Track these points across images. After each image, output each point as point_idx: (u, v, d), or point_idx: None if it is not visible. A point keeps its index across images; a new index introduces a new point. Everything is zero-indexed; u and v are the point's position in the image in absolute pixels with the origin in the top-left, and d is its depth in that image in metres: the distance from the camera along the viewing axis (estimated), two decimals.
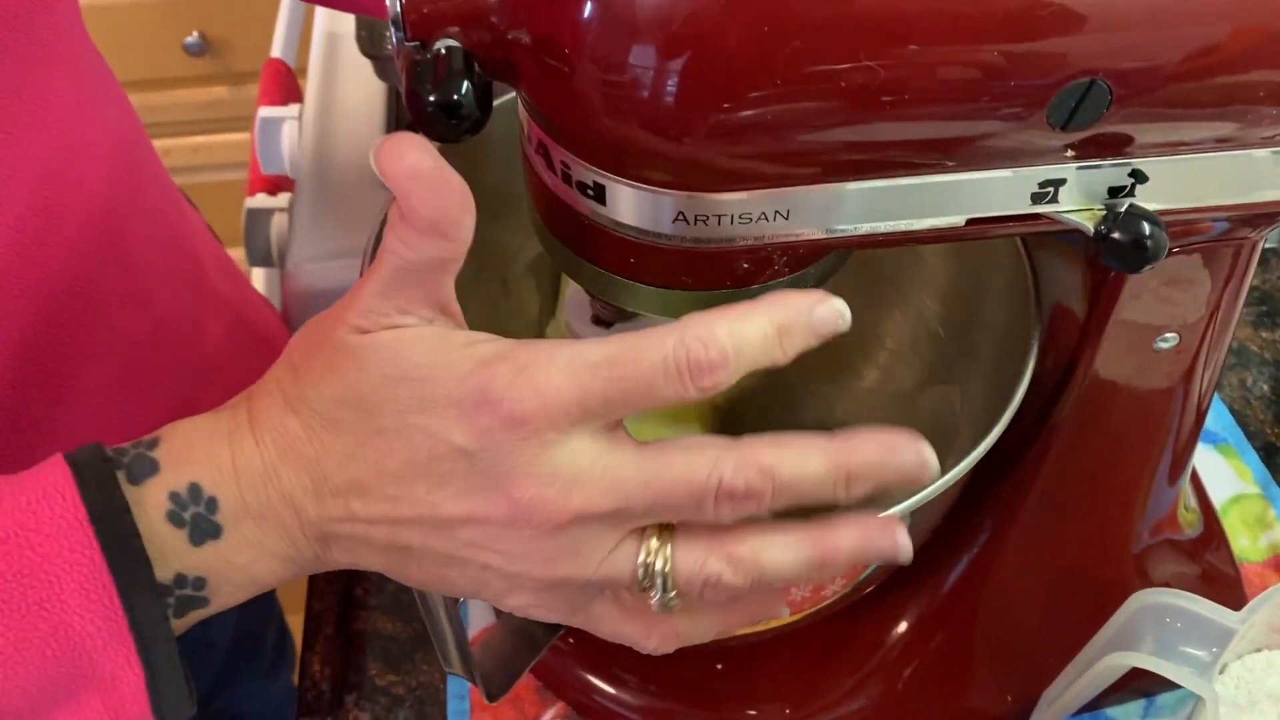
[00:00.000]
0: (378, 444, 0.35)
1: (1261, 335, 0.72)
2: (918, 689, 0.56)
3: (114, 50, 0.54)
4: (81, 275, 0.50)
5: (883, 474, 0.35)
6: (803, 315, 0.34)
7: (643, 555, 0.35)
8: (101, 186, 0.51)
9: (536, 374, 0.33)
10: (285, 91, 0.95)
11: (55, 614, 0.34)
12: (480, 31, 0.34)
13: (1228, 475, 0.65)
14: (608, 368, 0.33)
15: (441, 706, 0.58)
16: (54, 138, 0.48)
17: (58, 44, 0.48)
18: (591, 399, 0.33)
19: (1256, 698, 0.49)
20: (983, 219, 0.37)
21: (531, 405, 0.33)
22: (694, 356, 0.33)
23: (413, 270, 0.35)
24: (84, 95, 0.50)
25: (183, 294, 0.59)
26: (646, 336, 0.33)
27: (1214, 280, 0.44)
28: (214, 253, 0.66)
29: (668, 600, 0.36)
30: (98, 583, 0.34)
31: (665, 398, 0.33)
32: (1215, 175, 0.37)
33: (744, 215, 0.35)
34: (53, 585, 0.34)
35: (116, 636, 0.35)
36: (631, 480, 0.34)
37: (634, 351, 0.33)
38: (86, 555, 0.34)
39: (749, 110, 0.33)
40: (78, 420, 0.51)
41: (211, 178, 1.54)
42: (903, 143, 0.34)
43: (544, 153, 0.37)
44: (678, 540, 0.35)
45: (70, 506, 0.34)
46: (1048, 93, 0.33)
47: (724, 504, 0.34)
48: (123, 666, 0.35)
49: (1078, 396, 0.48)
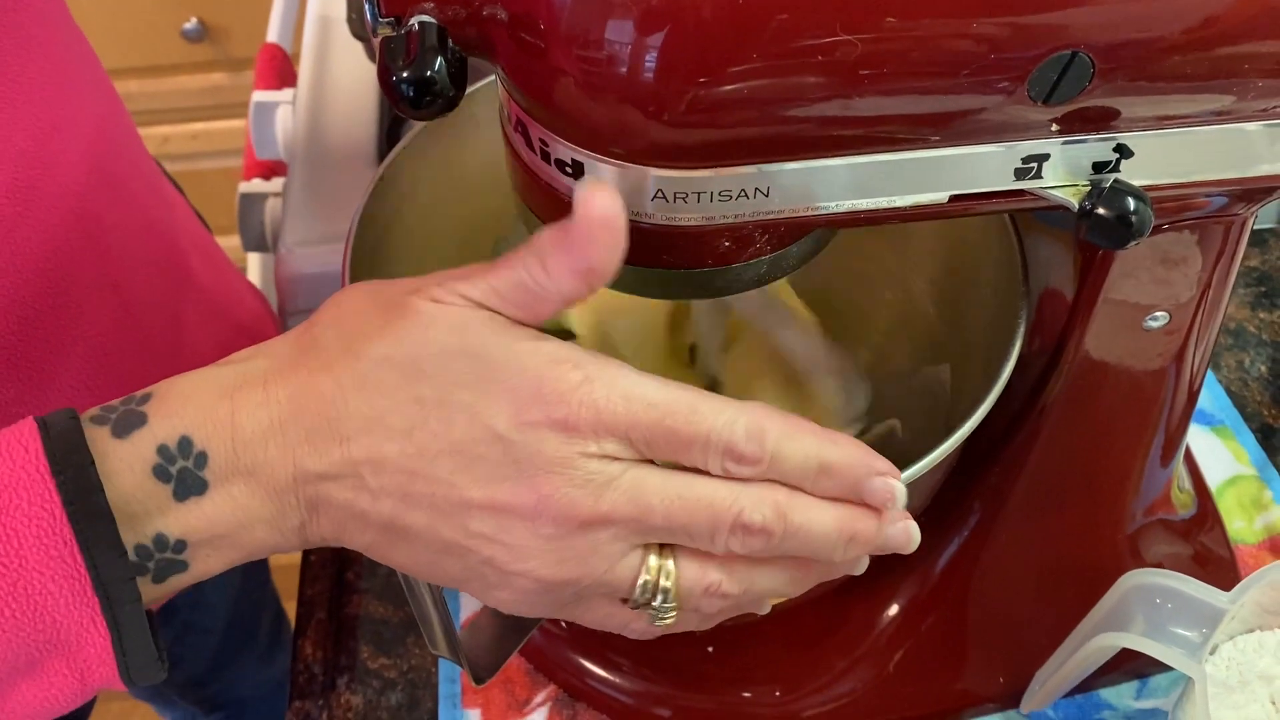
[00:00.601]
0: (411, 412, 0.34)
1: (1259, 316, 0.71)
2: (909, 671, 0.56)
3: (113, 37, 0.54)
4: (54, 260, 0.50)
5: (876, 542, 0.37)
6: (858, 471, 0.35)
7: (649, 573, 0.36)
8: (78, 171, 0.51)
9: (598, 389, 0.34)
10: (281, 76, 0.94)
11: (14, 570, 0.33)
12: (455, 7, 0.34)
13: (1224, 457, 0.65)
14: (663, 412, 0.34)
15: (433, 689, 0.58)
16: (30, 120, 0.47)
17: (36, 28, 0.48)
18: (637, 433, 0.34)
19: (1247, 678, 0.48)
20: (966, 195, 0.36)
21: (586, 416, 0.34)
22: (735, 443, 0.34)
23: (533, 293, 0.35)
24: (63, 79, 0.50)
25: (158, 282, 0.59)
26: (708, 401, 0.34)
27: (1204, 258, 0.44)
28: (198, 241, 0.66)
29: (663, 613, 0.37)
30: (58, 537, 0.33)
31: (694, 463, 0.35)
32: (1201, 150, 0.36)
33: (723, 193, 0.35)
34: (11, 540, 0.33)
35: (79, 596, 0.34)
36: (656, 495, 0.35)
37: (690, 410, 0.34)
38: (46, 509, 0.33)
39: (725, 85, 0.32)
40: (56, 403, 0.51)
41: (211, 164, 1.54)
42: (882, 117, 0.34)
43: (522, 130, 0.37)
44: (679, 557, 0.36)
45: (32, 459, 0.33)
46: (1028, 66, 0.32)
47: (736, 534, 0.35)
48: (87, 627, 0.34)
49: (1068, 377, 0.47)
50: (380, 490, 0.35)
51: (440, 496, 0.35)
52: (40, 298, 0.49)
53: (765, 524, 0.35)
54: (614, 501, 0.34)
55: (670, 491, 0.35)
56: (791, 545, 0.36)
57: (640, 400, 0.34)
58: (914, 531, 0.37)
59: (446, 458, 0.34)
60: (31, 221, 0.48)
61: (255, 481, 0.35)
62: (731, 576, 0.37)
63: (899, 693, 0.56)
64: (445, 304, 0.35)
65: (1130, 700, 0.57)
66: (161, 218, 0.60)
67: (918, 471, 0.41)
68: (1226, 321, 0.71)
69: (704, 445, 0.34)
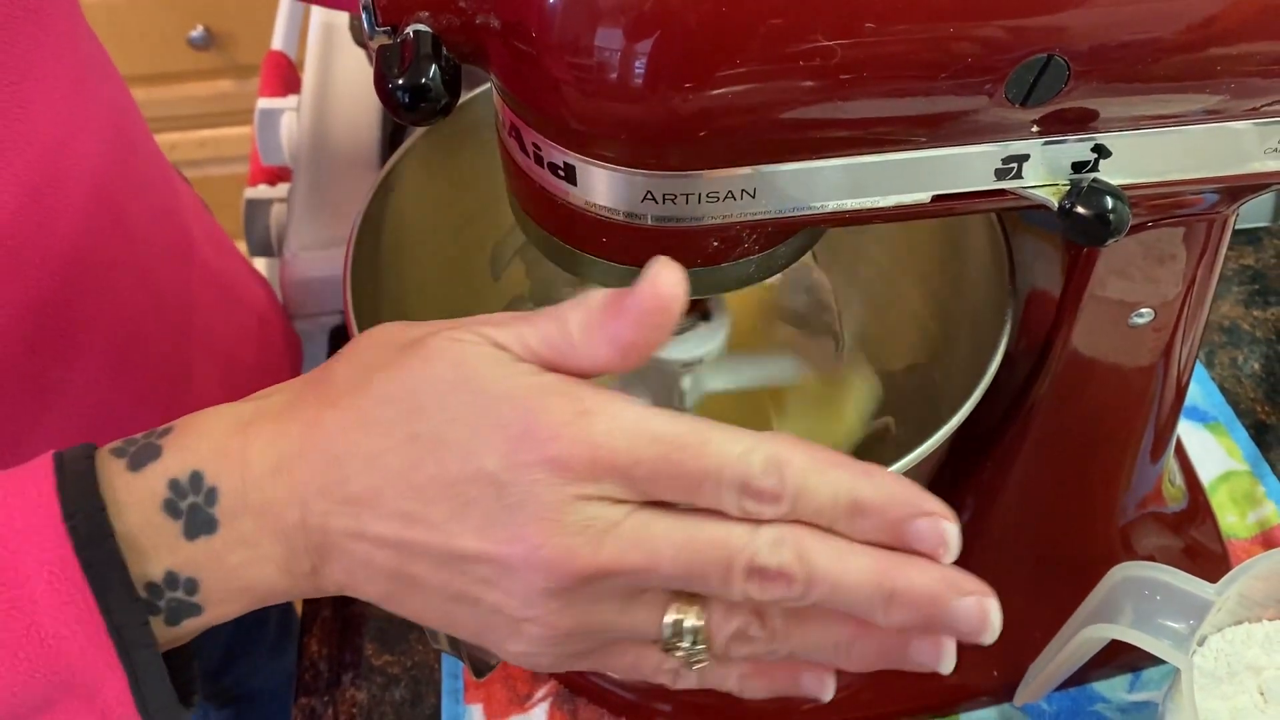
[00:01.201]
0: (408, 451, 0.32)
1: (1253, 314, 0.72)
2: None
3: (119, 45, 0.55)
4: (86, 244, 0.51)
5: (933, 614, 0.31)
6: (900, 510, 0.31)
7: (670, 614, 0.33)
8: (104, 161, 0.52)
9: (596, 423, 0.31)
10: (286, 83, 0.96)
11: (27, 614, 0.32)
12: (449, 16, 0.35)
13: (1217, 453, 0.66)
14: (669, 446, 0.31)
15: (436, 685, 0.59)
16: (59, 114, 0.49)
17: (59, 24, 0.49)
18: (640, 471, 0.31)
19: (1235, 669, 0.49)
20: (948, 195, 0.37)
21: (581, 453, 0.31)
22: (751, 477, 0.31)
23: (561, 351, 0.33)
24: (83, 73, 0.52)
25: (176, 267, 0.61)
26: (722, 431, 0.31)
27: (1187, 255, 0.45)
28: (206, 228, 0.67)
29: (695, 656, 0.34)
30: (70, 582, 0.32)
31: (707, 503, 0.31)
32: (1178, 149, 0.37)
33: (711, 194, 0.36)
34: (23, 585, 0.32)
35: (93, 639, 0.33)
36: (663, 539, 0.31)
37: (701, 443, 0.31)
38: (56, 553, 0.32)
39: (711, 90, 0.33)
40: (86, 380, 0.52)
41: (218, 171, 1.55)
42: (865, 120, 0.35)
43: (516, 135, 0.38)
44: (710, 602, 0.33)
45: (45, 502, 0.33)
46: (1005, 69, 0.33)
47: (753, 580, 0.31)
48: (104, 671, 0.33)
49: (1056, 374, 0.48)
50: (379, 537, 0.33)
51: (435, 544, 0.32)
52: (77, 280, 0.50)
53: (783, 568, 0.31)
54: (616, 550, 0.31)
55: (678, 536, 0.31)
56: (819, 595, 0.31)
57: (644, 435, 0.31)
58: (994, 615, 0.31)
59: (441, 501, 0.32)
60: (67, 208, 0.49)
61: (264, 520, 0.33)
62: (765, 627, 0.33)
63: (895, 686, 0.57)
64: (459, 341, 0.33)
65: (1123, 693, 0.57)
66: (173, 207, 0.62)
67: (904, 466, 0.41)
68: (1220, 319, 0.72)
69: (716, 480, 0.31)
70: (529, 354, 0.33)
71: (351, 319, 0.47)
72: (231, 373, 0.65)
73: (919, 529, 0.31)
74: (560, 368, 0.33)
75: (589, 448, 0.31)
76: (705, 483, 0.31)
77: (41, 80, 0.48)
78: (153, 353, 0.58)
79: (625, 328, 0.32)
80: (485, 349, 0.33)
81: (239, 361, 0.66)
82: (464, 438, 0.32)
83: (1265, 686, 0.49)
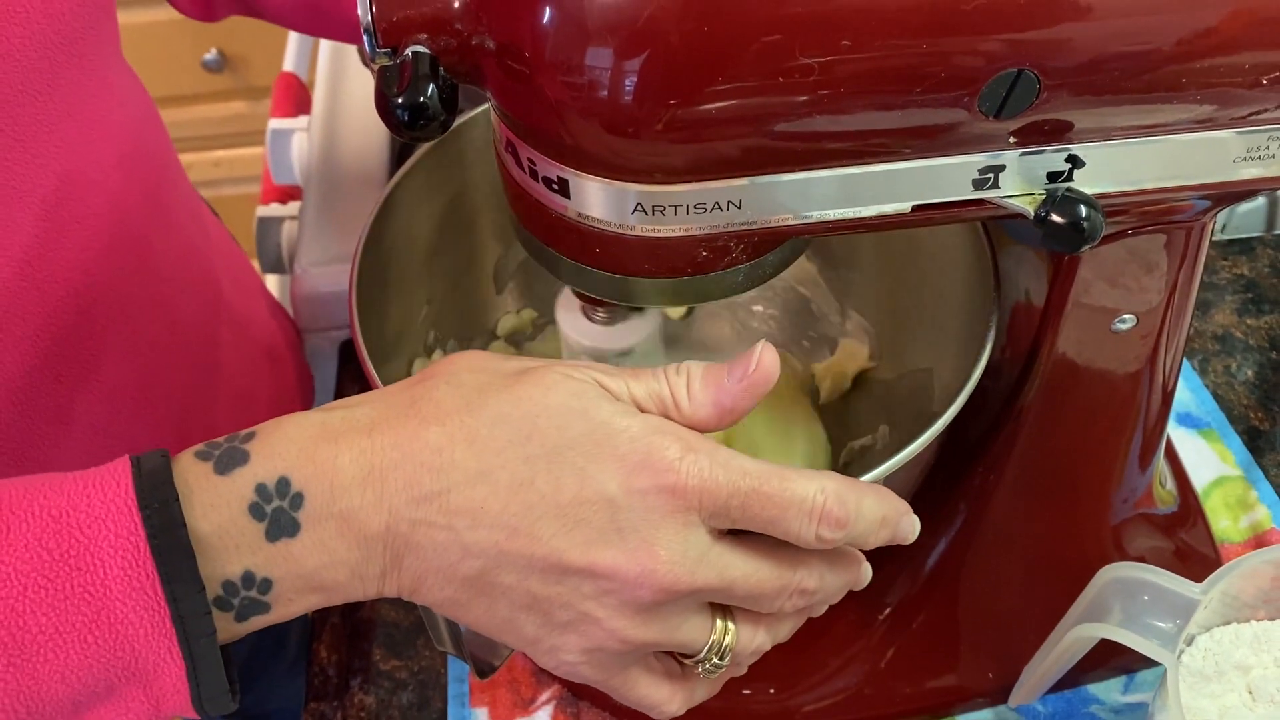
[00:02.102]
0: (520, 470, 0.35)
1: (1246, 322, 0.73)
2: (902, 667, 0.58)
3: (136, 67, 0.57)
4: (106, 277, 0.53)
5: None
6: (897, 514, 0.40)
7: (715, 632, 0.39)
8: (131, 197, 0.54)
9: (702, 459, 0.36)
10: (297, 104, 0.98)
11: (98, 599, 0.34)
12: (446, 38, 0.37)
13: (1210, 458, 0.67)
14: (758, 480, 0.37)
15: (442, 689, 0.60)
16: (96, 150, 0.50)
17: (103, 63, 0.51)
18: (734, 502, 0.36)
19: (1223, 669, 0.50)
20: (928, 205, 0.39)
21: (693, 484, 0.36)
22: (829, 508, 0.37)
23: (666, 408, 0.38)
24: (121, 111, 0.53)
25: (198, 304, 0.62)
26: (791, 470, 0.37)
27: (1168, 262, 0.46)
28: (231, 265, 0.69)
29: (716, 669, 0.40)
30: (141, 570, 0.34)
31: (786, 529, 0.37)
32: (1149, 158, 0.38)
33: (699, 205, 0.37)
34: (97, 570, 0.34)
35: (159, 627, 0.34)
36: (738, 569, 0.37)
37: (784, 479, 0.37)
38: (131, 542, 0.34)
39: (696, 106, 0.35)
40: (93, 411, 0.54)
41: (232, 190, 1.57)
42: (844, 133, 0.36)
43: (512, 150, 0.39)
44: (738, 619, 0.40)
45: (122, 491, 0.34)
46: (977, 83, 0.35)
47: (795, 599, 0.39)
48: (164, 658, 0.35)
49: (1043, 380, 0.49)
50: (473, 544, 0.36)
51: (538, 556, 0.36)
52: (95, 309, 0.52)
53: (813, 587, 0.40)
54: (706, 575, 0.37)
55: (748, 568, 0.38)
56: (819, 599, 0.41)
57: (738, 470, 0.36)
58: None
59: (550, 519, 0.36)
60: (89, 242, 0.51)
61: (347, 526, 0.35)
62: (770, 632, 0.41)
63: (892, 689, 0.58)
64: (572, 378, 0.37)
65: (1118, 695, 0.58)
66: (200, 244, 0.64)
67: (883, 473, 0.43)
68: (1214, 328, 0.73)
69: (799, 511, 0.37)
70: (630, 401, 0.38)
71: (357, 331, 0.48)
72: (246, 407, 0.66)
73: (905, 526, 0.41)
74: (659, 410, 0.38)
75: (699, 480, 0.36)
76: (789, 511, 0.37)
77: (81, 118, 0.49)
78: (173, 385, 0.59)
79: (732, 395, 0.38)
80: (597, 387, 0.37)
81: (253, 396, 0.68)
82: (581, 463, 0.36)
83: (1253, 686, 0.50)
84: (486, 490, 0.35)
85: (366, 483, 0.35)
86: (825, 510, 0.37)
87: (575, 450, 0.36)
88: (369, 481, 0.35)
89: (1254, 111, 0.38)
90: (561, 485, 0.35)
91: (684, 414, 0.38)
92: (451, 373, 0.37)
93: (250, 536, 0.35)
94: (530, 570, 0.36)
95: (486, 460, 0.35)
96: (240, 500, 0.35)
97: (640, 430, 0.36)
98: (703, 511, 0.36)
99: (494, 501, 0.35)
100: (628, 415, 0.37)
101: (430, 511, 0.35)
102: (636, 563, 0.36)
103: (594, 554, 0.36)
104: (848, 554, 0.41)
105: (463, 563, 0.36)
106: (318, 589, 0.36)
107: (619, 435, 0.36)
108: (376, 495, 0.35)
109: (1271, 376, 0.70)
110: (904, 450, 0.43)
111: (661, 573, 0.36)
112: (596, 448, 0.36)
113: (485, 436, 0.36)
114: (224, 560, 0.35)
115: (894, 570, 0.58)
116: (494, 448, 0.35)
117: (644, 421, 0.37)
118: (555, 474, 0.35)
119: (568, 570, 0.36)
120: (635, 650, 0.39)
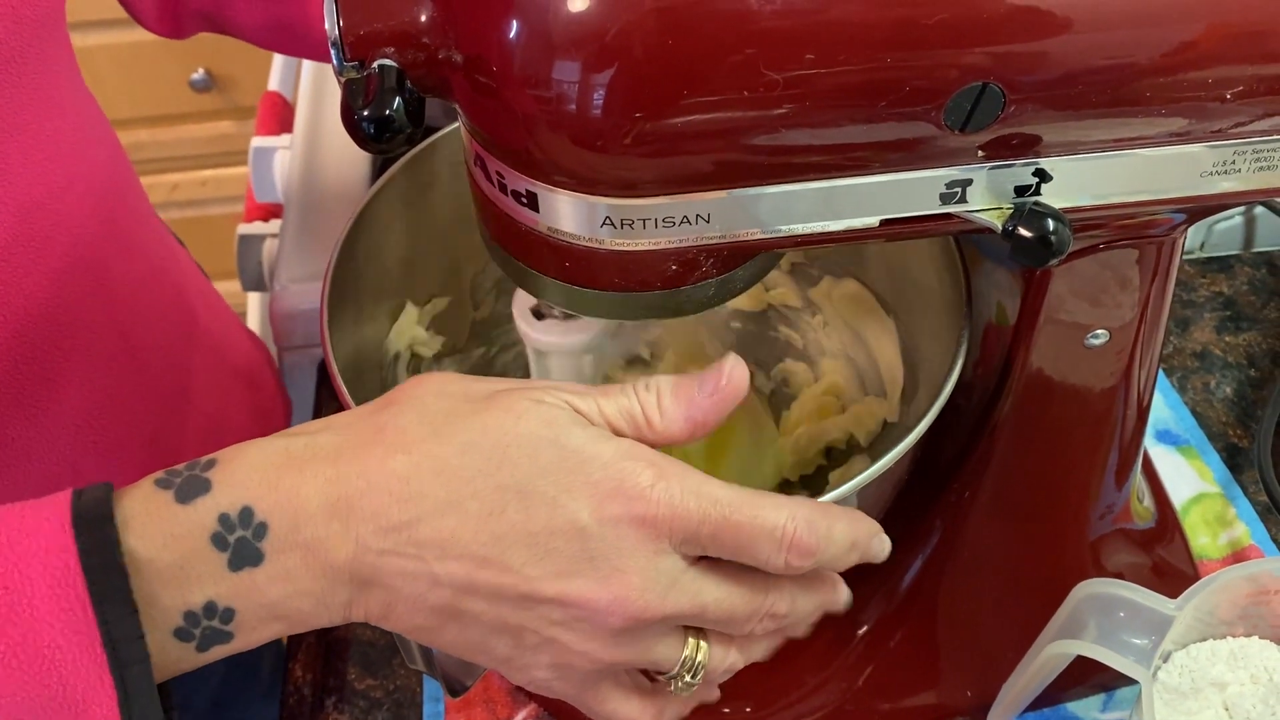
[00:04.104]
0: (491, 499, 0.35)
1: (1225, 340, 0.73)
2: (880, 686, 0.58)
3: (123, 87, 0.56)
4: (63, 304, 0.52)
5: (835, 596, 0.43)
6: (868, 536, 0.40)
7: (688, 651, 0.39)
8: (88, 222, 0.53)
9: (674, 486, 0.36)
10: (282, 122, 0.98)
11: (25, 620, 0.33)
12: (413, 51, 0.37)
13: (1189, 476, 0.67)
14: (729, 509, 0.37)
15: (417, 709, 0.60)
16: (42, 173, 0.50)
17: (51, 86, 0.51)
18: (705, 530, 0.37)
19: (1200, 685, 0.50)
20: (896, 219, 0.39)
21: (664, 512, 0.36)
22: (799, 536, 0.37)
23: (638, 425, 0.38)
24: (74, 135, 0.53)
25: (166, 327, 0.62)
26: (762, 497, 0.37)
27: (1140, 277, 0.46)
28: (201, 289, 0.68)
29: (689, 687, 0.40)
30: (70, 589, 0.33)
31: (755, 557, 0.37)
32: (1116, 172, 0.39)
33: (666, 219, 0.37)
34: (24, 588, 0.33)
35: (88, 651, 0.33)
36: (710, 594, 0.38)
37: (754, 507, 0.37)
38: (61, 559, 0.33)
39: (661, 120, 0.35)
40: (52, 440, 0.53)
41: (219, 209, 1.57)
42: (811, 147, 0.36)
43: (481, 164, 0.39)
44: (711, 641, 0.40)
45: (58, 513, 0.34)
46: (942, 97, 0.35)
47: (766, 621, 0.40)
48: (94, 685, 0.34)
49: (1016, 396, 0.49)
50: (443, 574, 0.35)
51: (508, 585, 0.36)
52: (49, 338, 0.51)
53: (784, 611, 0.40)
54: (677, 601, 0.37)
55: (720, 593, 0.38)
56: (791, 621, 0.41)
57: (709, 497, 0.36)
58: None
59: (521, 548, 0.35)
60: (44, 269, 0.50)
61: (312, 556, 0.35)
62: (742, 652, 0.41)
63: (869, 707, 0.58)
64: (543, 403, 0.37)
65: (1097, 713, 0.58)
66: (169, 267, 0.63)
67: (858, 485, 0.42)
68: (1193, 345, 0.73)
69: (769, 540, 0.37)
70: (603, 422, 0.38)
71: (328, 347, 0.48)
72: (217, 432, 0.65)
73: (875, 548, 0.41)
74: (634, 438, 0.38)
75: (670, 508, 0.36)
76: (759, 540, 0.37)
77: (24, 140, 0.48)
78: (139, 410, 0.58)
79: (701, 410, 0.38)
80: (568, 412, 0.37)
81: (229, 425, 0.67)
82: (552, 492, 0.36)
83: (1230, 703, 0.50)
84: (456, 520, 0.35)
85: (332, 513, 0.35)
86: (795, 539, 0.37)
87: (547, 479, 0.36)
88: (335, 511, 0.35)
89: (1222, 127, 0.38)
90: (533, 514, 0.35)
91: (655, 429, 0.38)
92: (418, 397, 0.37)
93: (213, 566, 0.35)
94: (501, 599, 0.36)
95: (456, 490, 0.35)
96: (202, 530, 0.35)
97: (612, 456, 0.36)
98: (674, 539, 0.36)
99: (464, 531, 0.35)
100: (599, 441, 0.36)
101: (398, 542, 0.35)
102: (608, 591, 0.36)
103: (565, 584, 0.36)
104: (821, 577, 0.41)
105: (432, 592, 0.36)
106: (282, 618, 0.36)
107: (591, 463, 0.36)
108: (342, 525, 0.35)
109: (1250, 394, 0.70)
110: (874, 466, 0.42)
111: (633, 599, 0.36)
112: (569, 476, 0.36)
113: (455, 466, 0.35)
114: (186, 590, 0.35)
115: (871, 588, 0.58)
116: (464, 477, 0.35)
117: (615, 446, 0.36)
118: (527, 503, 0.35)
119: (539, 600, 0.36)
120: (607, 669, 0.39)
